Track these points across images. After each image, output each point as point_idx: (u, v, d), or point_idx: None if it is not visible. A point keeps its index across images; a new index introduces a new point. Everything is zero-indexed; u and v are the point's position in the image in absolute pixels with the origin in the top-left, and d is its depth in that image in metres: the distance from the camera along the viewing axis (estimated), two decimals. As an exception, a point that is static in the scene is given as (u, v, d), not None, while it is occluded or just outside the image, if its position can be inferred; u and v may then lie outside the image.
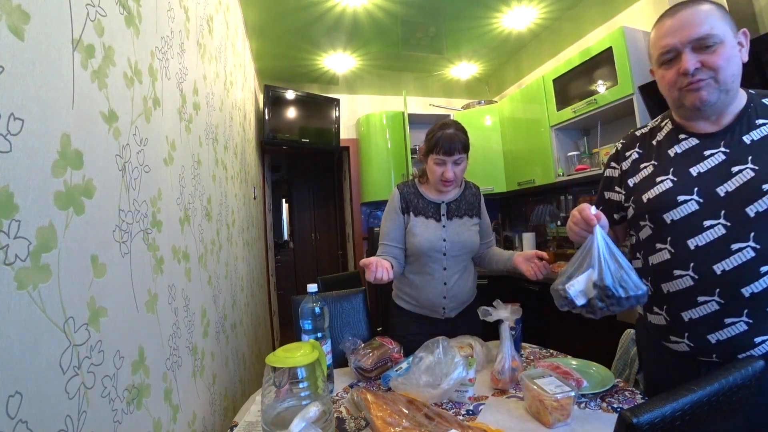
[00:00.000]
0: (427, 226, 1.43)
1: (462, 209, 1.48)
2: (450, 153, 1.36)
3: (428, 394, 0.97)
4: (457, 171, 1.40)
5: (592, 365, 1.14)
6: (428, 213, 1.45)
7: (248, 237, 2.28)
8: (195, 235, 1.11)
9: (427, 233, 1.42)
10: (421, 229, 1.43)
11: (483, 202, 1.54)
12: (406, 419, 0.84)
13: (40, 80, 0.47)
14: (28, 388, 0.42)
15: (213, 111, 1.47)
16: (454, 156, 1.37)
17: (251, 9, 2.38)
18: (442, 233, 1.43)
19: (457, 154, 1.37)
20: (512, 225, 3.78)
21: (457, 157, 1.37)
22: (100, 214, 0.59)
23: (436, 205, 1.46)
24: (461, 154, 1.38)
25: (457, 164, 1.39)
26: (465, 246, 1.45)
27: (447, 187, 1.44)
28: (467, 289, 1.48)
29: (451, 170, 1.38)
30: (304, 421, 0.67)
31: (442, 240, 1.43)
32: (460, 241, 1.44)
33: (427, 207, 1.46)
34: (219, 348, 1.30)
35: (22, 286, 0.42)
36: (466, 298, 1.48)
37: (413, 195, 1.48)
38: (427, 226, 1.43)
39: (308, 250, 5.37)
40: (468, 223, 1.47)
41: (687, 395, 0.60)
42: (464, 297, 1.47)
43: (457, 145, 1.36)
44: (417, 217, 1.45)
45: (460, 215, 1.47)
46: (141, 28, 0.79)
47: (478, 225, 1.51)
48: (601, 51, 2.29)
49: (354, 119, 3.80)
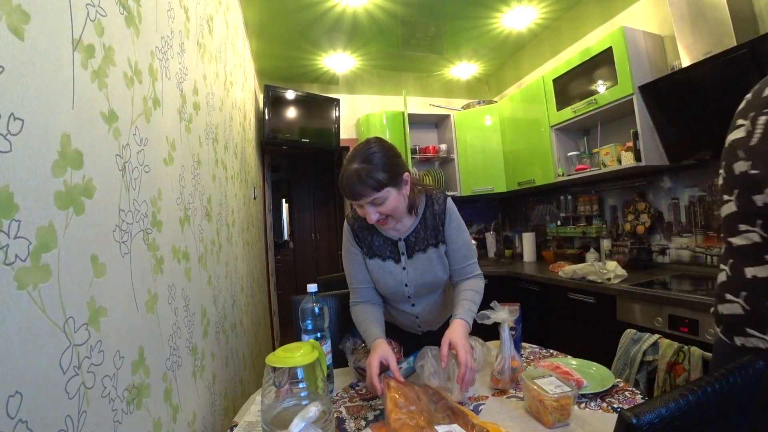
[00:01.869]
0: (384, 271, 1.21)
1: (423, 241, 1.20)
2: (354, 198, 1.05)
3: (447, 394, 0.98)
4: (383, 210, 1.07)
5: (592, 365, 1.14)
6: (385, 254, 1.21)
7: (248, 237, 2.28)
8: (195, 235, 1.11)
9: (386, 279, 1.22)
10: (379, 275, 1.22)
11: (451, 219, 1.21)
12: (416, 405, 0.84)
13: (40, 80, 0.47)
14: (28, 388, 0.42)
15: (213, 111, 1.47)
16: (364, 200, 1.04)
17: (251, 9, 2.38)
18: (403, 277, 1.21)
19: (366, 197, 1.04)
20: (512, 225, 3.78)
21: (370, 198, 1.04)
22: (100, 214, 0.59)
23: (392, 243, 1.21)
24: (376, 193, 1.04)
25: (377, 204, 1.06)
26: (430, 285, 1.24)
27: (385, 227, 1.16)
28: (442, 311, 1.33)
29: (373, 212, 1.07)
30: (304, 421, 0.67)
31: (404, 285, 1.22)
32: (424, 283, 1.22)
33: (383, 246, 1.21)
34: (219, 348, 1.30)
35: (22, 286, 0.42)
36: (442, 318, 1.34)
37: (366, 231, 1.22)
38: (385, 270, 1.21)
39: (308, 250, 5.37)
40: (433, 256, 1.21)
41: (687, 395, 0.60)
42: (440, 318, 1.34)
43: (360, 189, 1.02)
44: (372, 259, 1.22)
45: (423, 248, 1.20)
46: (141, 28, 0.79)
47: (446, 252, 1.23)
48: (601, 51, 2.29)
49: (354, 119, 3.79)
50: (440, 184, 3.54)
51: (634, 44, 2.17)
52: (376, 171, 1.03)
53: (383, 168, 1.04)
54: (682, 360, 1.49)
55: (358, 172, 1.02)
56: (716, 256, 2.08)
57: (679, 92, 1.88)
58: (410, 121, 3.39)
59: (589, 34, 2.85)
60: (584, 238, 2.90)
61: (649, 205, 2.43)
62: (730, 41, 1.68)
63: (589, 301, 2.09)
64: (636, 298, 1.83)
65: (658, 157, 2.13)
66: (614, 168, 2.34)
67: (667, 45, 2.25)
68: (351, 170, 1.03)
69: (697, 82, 1.77)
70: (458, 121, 3.58)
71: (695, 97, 1.81)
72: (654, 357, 1.58)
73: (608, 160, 2.42)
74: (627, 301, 1.88)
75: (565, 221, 3.09)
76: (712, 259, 2.11)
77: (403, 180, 1.10)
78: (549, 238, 3.24)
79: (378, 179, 1.03)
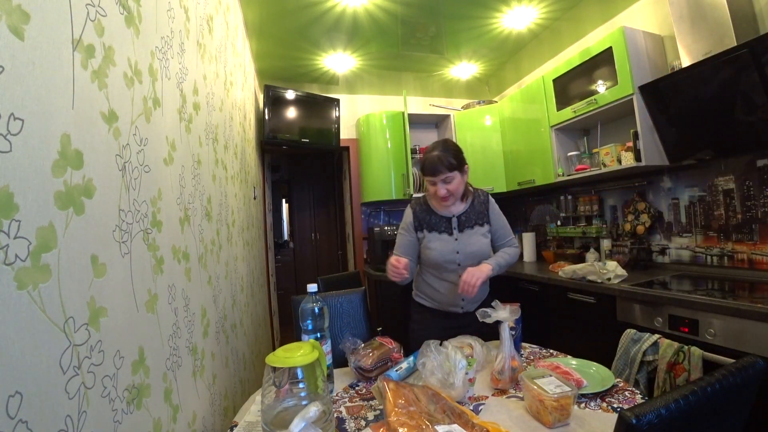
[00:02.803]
0: (440, 241, 1.56)
1: (472, 220, 1.59)
2: (434, 174, 1.47)
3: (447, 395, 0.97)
4: (450, 188, 1.49)
5: (592, 365, 1.14)
6: (441, 228, 1.57)
7: (248, 237, 2.28)
8: (195, 235, 1.11)
9: (441, 247, 1.55)
10: (436, 243, 1.56)
11: (492, 207, 1.63)
12: (416, 406, 0.84)
13: (40, 80, 0.47)
14: (28, 388, 0.42)
15: (213, 111, 1.47)
16: (440, 176, 1.46)
17: (251, 9, 2.38)
18: (455, 246, 1.55)
19: (442, 174, 1.46)
20: (512, 225, 3.73)
21: (444, 176, 1.46)
22: (100, 214, 0.59)
23: (447, 220, 1.58)
24: (449, 172, 1.46)
25: (447, 182, 1.48)
26: (476, 254, 1.56)
27: (446, 203, 1.54)
28: (483, 289, 1.61)
29: (443, 188, 1.48)
30: (304, 421, 0.67)
31: (455, 252, 1.55)
32: (472, 251, 1.56)
33: (440, 222, 1.58)
34: (219, 348, 1.30)
35: (22, 286, 0.42)
36: (480, 296, 1.61)
37: (425, 213, 1.60)
38: (441, 240, 1.56)
39: (308, 250, 5.36)
40: (479, 232, 1.58)
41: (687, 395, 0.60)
42: (479, 295, 1.59)
43: (440, 167, 1.45)
44: (431, 233, 1.57)
45: (471, 225, 1.58)
46: (141, 28, 0.79)
47: (489, 231, 1.61)
48: (601, 51, 2.28)
49: (354, 119, 3.79)
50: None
51: (634, 44, 2.17)
52: (451, 157, 1.47)
53: (454, 156, 1.48)
54: (682, 360, 1.49)
55: (439, 156, 1.46)
56: (716, 256, 2.08)
57: (679, 92, 1.87)
58: (410, 121, 3.39)
59: (589, 34, 2.85)
60: (584, 238, 2.90)
61: (649, 205, 2.42)
62: (730, 41, 1.68)
63: (589, 301, 2.08)
64: (636, 298, 1.83)
65: (658, 157, 2.13)
66: (614, 168, 2.33)
67: (667, 45, 2.25)
68: (434, 155, 1.47)
69: (697, 82, 1.77)
70: (458, 121, 3.58)
71: (695, 96, 1.81)
72: (654, 357, 1.58)
73: (608, 160, 2.42)
74: (627, 301, 1.88)
75: (565, 221, 3.09)
76: (712, 259, 2.11)
77: (465, 170, 1.53)
78: (549, 238, 3.24)
79: (451, 162, 1.46)
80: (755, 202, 1.89)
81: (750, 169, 1.90)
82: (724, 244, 2.05)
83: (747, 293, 1.67)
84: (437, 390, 0.96)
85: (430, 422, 0.81)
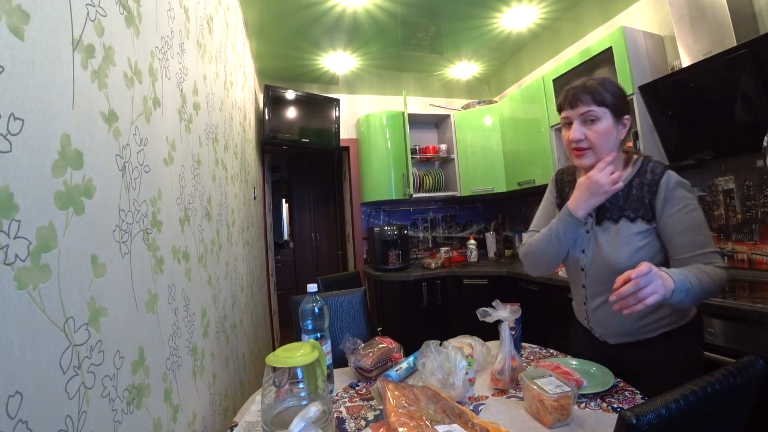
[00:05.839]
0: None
1: (617, 210, 1.03)
2: (574, 105, 1.01)
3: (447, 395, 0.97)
4: (589, 133, 0.99)
5: (592, 365, 1.14)
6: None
7: (248, 237, 2.28)
8: (195, 235, 1.11)
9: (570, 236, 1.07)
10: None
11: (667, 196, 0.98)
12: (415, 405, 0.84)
13: (40, 80, 0.47)
14: (28, 388, 0.42)
15: (213, 111, 1.47)
16: (580, 108, 0.99)
17: (251, 9, 2.38)
18: (583, 242, 1.07)
19: (584, 106, 0.98)
20: (512, 225, 3.78)
21: (585, 109, 0.99)
22: (100, 214, 0.59)
23: None
24: (593, 106, 0.98)
25: (588, 122, 1.00)
26: (609, 265, 1.01)
27: (580, 158, 1.03)
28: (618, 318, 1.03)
29: (579, 130, 1.00)
30: (304, 421, 0.67)
31: (581, 251, 1.08)
32: (602, 256, 1.03)
33: None
34: (219, 348, 1.30)
35: (22, 286, 0.42)
36: (618, 329, 1.07)
37: (569, 185, 1.15)
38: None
39: (308, 250, 5.37)
40: (627, 231, 1.01)
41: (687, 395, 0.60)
42: (615, 327, 1.07)
43: (583, 96, 0.99)
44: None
45: (615, 218, 1.03)
46: (141, 28, 0.79)
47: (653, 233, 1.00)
48: (601, 51, 2.29)
49: (354, 119, 3.80)
50: (440, 184, 3.54)
51: (634, 44, 2.17)
52: (605, 90, 1.00)
53: (612, 93, 1.00)
54: (682, 360, 1.49)
55: (587, 82, 1.01)
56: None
57: (679, 92, 1.87)
58: (410, 121, 3.40)
59: (589, 34, 2.85)
60: (584, 238, 2.90)
61: (649, 205, 2.42)
62: (730, 41, 1.68)
63: (589, 301, 2.08)
64: (636, 298, 1.82)
65: (658, 156, 2.12)
66: (614, 168, 2.33)
67: (667, 45, 2.25)
68: (581, 81, 1.03)
69: (697, 82, 1.77)
70: (458, 121, 3.58)
71: (695, 97, 1.81)
72: (654, 357, 1.58)
73: (608, 160, 2.42)
74: (627, 301, 1.87)
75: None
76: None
77: (624, 119, 1.03)
78: (549, 238, 3.24)
79: (603, 96, 0.99)
80: (755, 202, 1.89)
81: (750, 169, 1.90)
82: (724, 244, 2.05)
83: (747, 293, 1.67)
84: (437, 390, 0.96)
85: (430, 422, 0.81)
